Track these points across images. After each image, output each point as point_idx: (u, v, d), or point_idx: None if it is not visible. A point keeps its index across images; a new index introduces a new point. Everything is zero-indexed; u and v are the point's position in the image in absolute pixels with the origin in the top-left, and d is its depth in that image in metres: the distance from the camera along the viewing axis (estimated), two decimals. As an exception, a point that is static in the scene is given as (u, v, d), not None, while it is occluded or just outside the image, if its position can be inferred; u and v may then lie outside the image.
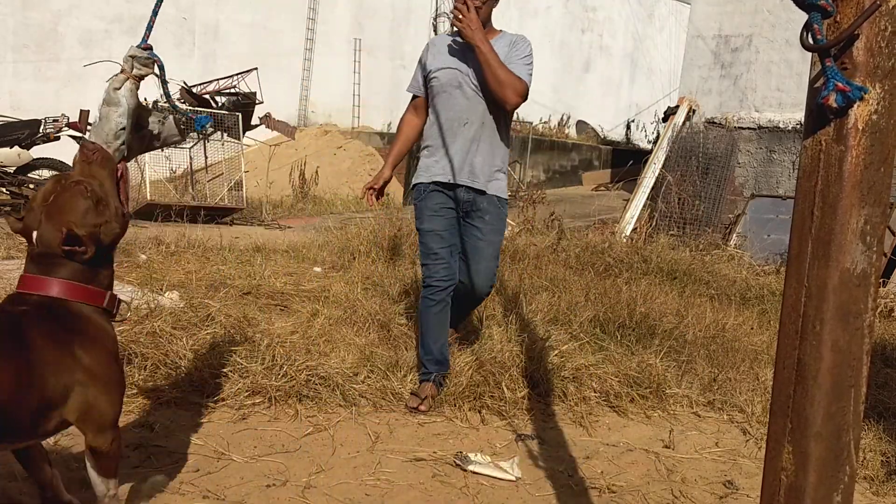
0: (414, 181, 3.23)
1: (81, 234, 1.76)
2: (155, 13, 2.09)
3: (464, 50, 3.06)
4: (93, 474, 1.86)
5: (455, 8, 2.97)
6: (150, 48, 2.05)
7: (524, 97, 3.03)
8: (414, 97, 3.28)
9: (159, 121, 2.14)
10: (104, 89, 2.01)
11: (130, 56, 1.99)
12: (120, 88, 1.98)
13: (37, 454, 1.95)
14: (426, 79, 3.17)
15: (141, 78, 2.01)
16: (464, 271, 3.20)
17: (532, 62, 3.08)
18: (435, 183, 3.13)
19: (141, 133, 2.09)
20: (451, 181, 3.11)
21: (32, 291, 1.78)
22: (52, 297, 1.77)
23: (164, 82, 2.14)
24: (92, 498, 1.93)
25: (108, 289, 1.88)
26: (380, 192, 3.30)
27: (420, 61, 3.24)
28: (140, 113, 2.04)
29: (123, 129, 1.96)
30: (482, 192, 3.12)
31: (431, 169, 3.15)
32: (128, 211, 1.93)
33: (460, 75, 3.07)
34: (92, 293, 1.82)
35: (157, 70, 2.04)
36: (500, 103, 3.03)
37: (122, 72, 2.00)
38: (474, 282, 3.20)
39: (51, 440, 2.27)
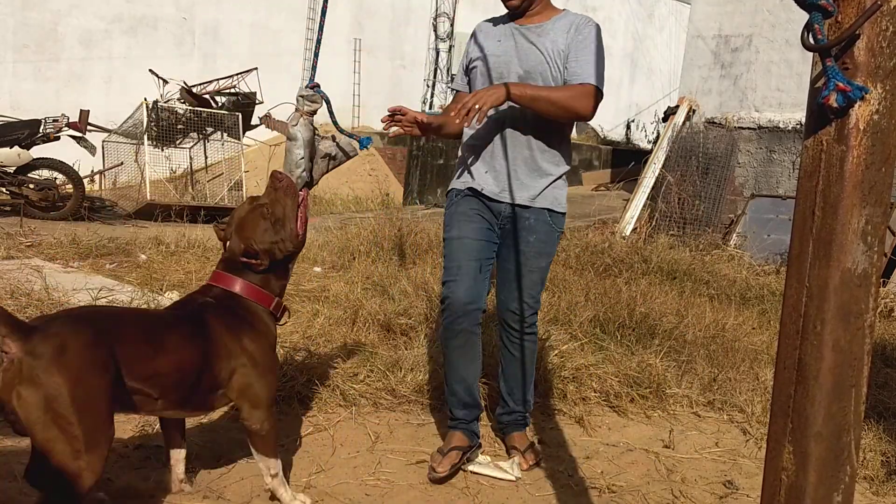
0: (449, 187, 2.75)
1: (258, 250, 2.12)
2: (316, 55, 2.39)
3: (510, 35, 2.57)
4: (254, 452, 2.15)
5: (462, 113, 2.33)
6: (318, 86, 2.28)
7: (598, 98, 2.49)
8: (457, 93, 2.78)
9: (331, 144, 2.36)
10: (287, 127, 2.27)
11: (300, 96, 2.22)
12: (297, 125, 2.23)
13: (178, 424, 2.28)
14: (467, 69, 2.69)
15: (312, 113, 2.25)
16: (498, 299, 2.68)
17: (602, 51, 2.52)
18: (470, 189, 2.63)
19: (322, 157, 2.33)
20: (488, 193, 2.60)
21: (218, 285, 2.16)
22: (231, 292, 2.14)
23: (331, 113, 2.37)
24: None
25: (278, 295, 2.20)
26: (405, 124, 2.58)
27: (465, 51, 2.76)
28: (314, 143, 2.27)
29: (302, 158, 2.22)
30: (527, 207, 2.58)
31: (465, 176, 2.66)
32: (302, 232, 2.21)
33: (504, 65, 2.55)
34: (262, 295, 2.15)
35: (324, 105, 2.29)
36: (576, 120, 2.56)
37: (296, 110, 2.24)
38: (511, 307, 2.63)
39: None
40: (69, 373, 1.70)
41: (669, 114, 8.91)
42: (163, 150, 8.63)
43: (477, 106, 2.31)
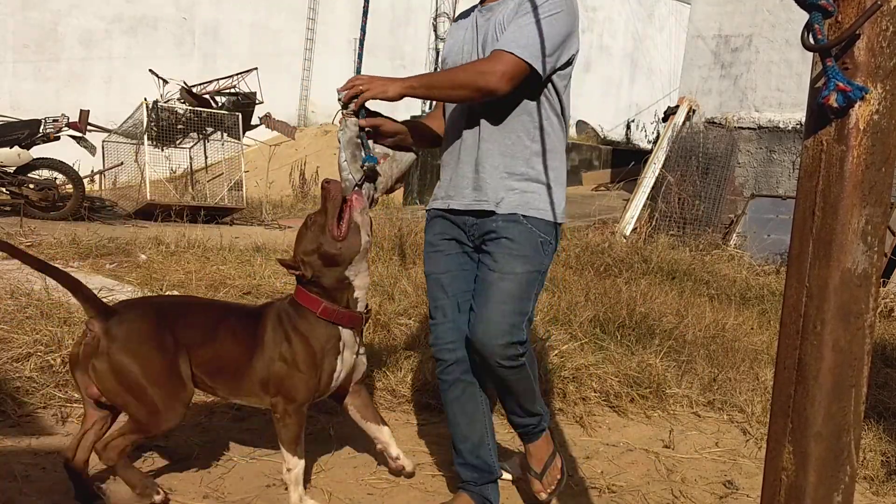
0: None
1: (298, 260, 2.25)
2: (360, 57, 2.47)
3: (472, 23, 2.25)
4: (280, 446, 2.25)
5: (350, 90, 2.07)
6: None
7: (518, 69, 2.02)
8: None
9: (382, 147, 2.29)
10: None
11: (340, 99, 2.16)
12: (341, 129, 2.19)
13: (370, 415, 2.47)
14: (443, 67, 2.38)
15: (355, 114, 2.19)
16: (471, 322, 2.20)
17: (545, 14, 2.05)
18: (436, 210, 2.33)
19: (390, 162, 2.26)
20: (449, 206, 2.26)
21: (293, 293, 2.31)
22: (292, 297, 2.30)
23: (374, 115, 2.28)
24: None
25: (334, 301, 2.23)
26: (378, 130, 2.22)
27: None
28: (356, 143, 2.19)
29: (345, 161, 2.19)
30: (491, 213, 2.17)
31: (435, 192, 2.36)
32: (342, 234, 2.19)
33: (468, 55, 2.22)
34: (310, 300, 2.24)
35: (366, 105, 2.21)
36: (491, 98, 2.08)
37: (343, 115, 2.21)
38: (476, 335, 2.13)
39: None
40: (135, 351, 2.07)
41: (669, 114, 8.91)
42: (163, 150, 8.62)
43: (361, 87, 2.04)
